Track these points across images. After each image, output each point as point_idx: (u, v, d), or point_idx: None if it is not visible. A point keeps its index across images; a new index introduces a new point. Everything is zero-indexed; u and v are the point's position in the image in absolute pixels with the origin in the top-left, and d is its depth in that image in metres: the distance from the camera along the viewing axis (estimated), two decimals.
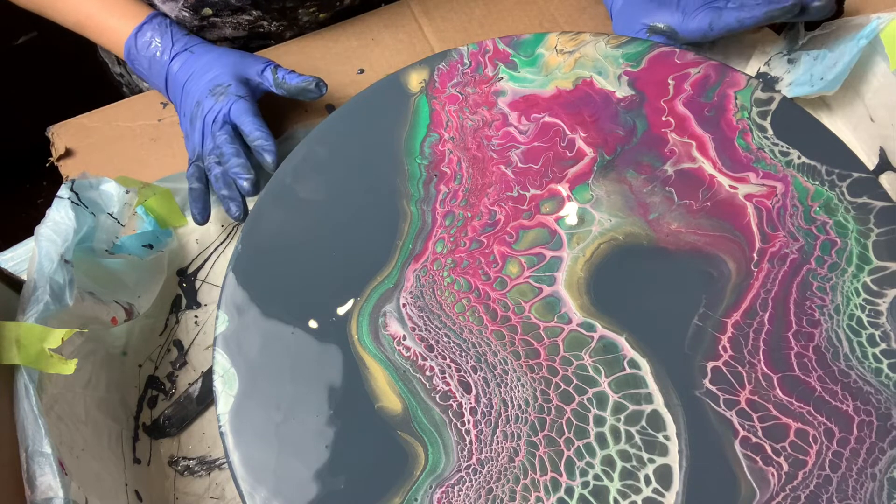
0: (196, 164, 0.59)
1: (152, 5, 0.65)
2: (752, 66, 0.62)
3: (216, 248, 0.62)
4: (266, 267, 0.49)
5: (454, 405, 0.45)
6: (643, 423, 0.43)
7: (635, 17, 0.59)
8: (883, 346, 0.44)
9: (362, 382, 0.46)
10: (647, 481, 0.42)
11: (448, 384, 0.45)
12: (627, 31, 0.60)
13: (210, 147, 0.58)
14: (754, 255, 0.47)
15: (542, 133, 0.52)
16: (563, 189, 0.50)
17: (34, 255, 0.48)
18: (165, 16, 0.64)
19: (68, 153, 0.64)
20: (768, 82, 0.61)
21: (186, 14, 0.65)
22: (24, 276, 0.49)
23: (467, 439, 0.44)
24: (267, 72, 0.60)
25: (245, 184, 0.55)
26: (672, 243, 0.48)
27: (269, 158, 0.56)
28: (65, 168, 0.64)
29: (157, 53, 0.62)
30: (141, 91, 0.76)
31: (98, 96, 0.72)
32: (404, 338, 0.47)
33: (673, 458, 0.42)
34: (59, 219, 0.49)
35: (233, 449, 0.44)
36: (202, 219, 0.57)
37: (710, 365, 0.44)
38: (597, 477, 0.42)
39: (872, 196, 0.47)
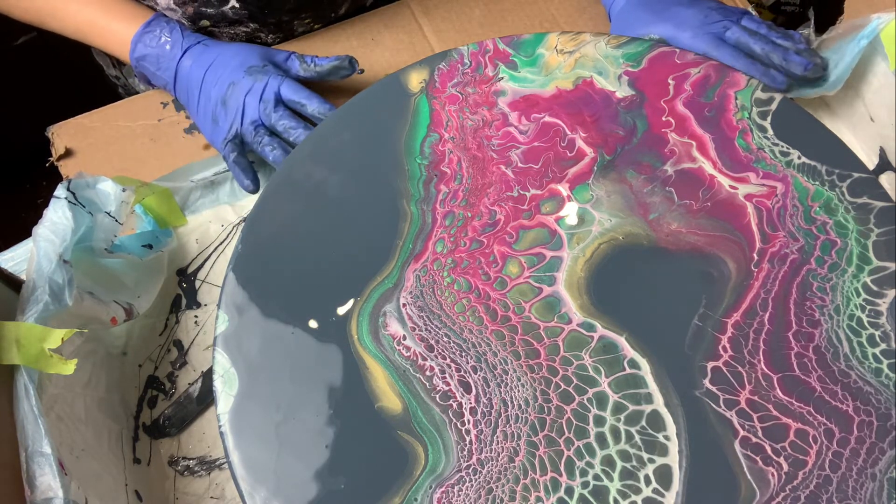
0: (232, 142, 0.59)
1: (153, 10, 0.65)
2: None
3: (216, 248, 0.62)
4: (266, 267, 0.49)
5: (454, 405, 0.45)
6: (643, 423, 0.43)
7: (633, 25, 0.60)
8: (883, 346, 0.44)
9: (362, 382, 0.45)
10: (647, 481, 0.42)
11: (448, 384, 0.45)
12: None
13: (254, 122, 0.59)
14: (754, 255, 0.47)
15: (542, 133, 0.52)
16: (563, 189, 0.50)
17: (32, 256, 0.48)
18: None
19: (68, 153, 0.64)
20: None
21: (185, 24, 0.65)
22: (24, 277, 0.49)
23: (467, 439, 0.44)
24: (292, 59, 0.61)
25: None
26: (672, 243, 0.48)
27: None
28: (65, 168, 0.64)
29: (168, 48, 0.62)
30: (137, 93, 0.76)
31: (98, 96, 0.72)
32: (404, 338, 0.47)
33: (673, 458, 0.42)
34: (57, 219, 0.49)
35: (233, 449, 0.44)
36: (256, 188, 0.60)
37: (710, 365, 0.44)
38: (597, 477, 0.42)
39: (872, 196, 0.47)
